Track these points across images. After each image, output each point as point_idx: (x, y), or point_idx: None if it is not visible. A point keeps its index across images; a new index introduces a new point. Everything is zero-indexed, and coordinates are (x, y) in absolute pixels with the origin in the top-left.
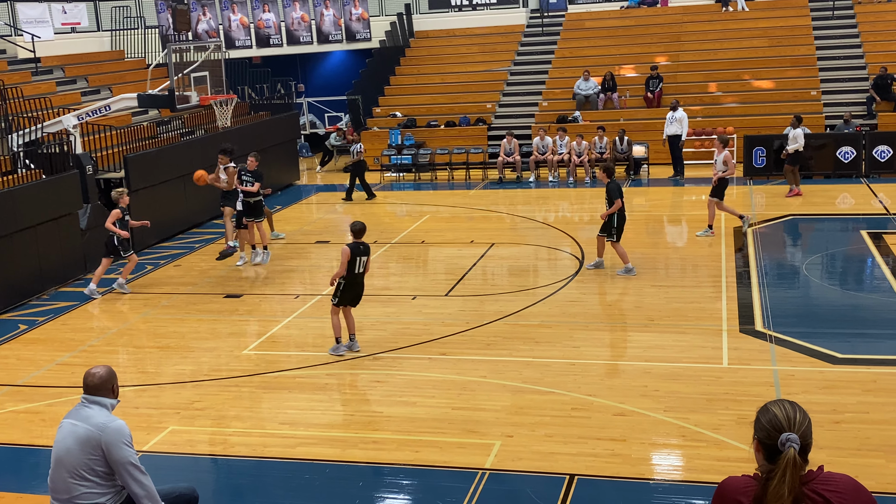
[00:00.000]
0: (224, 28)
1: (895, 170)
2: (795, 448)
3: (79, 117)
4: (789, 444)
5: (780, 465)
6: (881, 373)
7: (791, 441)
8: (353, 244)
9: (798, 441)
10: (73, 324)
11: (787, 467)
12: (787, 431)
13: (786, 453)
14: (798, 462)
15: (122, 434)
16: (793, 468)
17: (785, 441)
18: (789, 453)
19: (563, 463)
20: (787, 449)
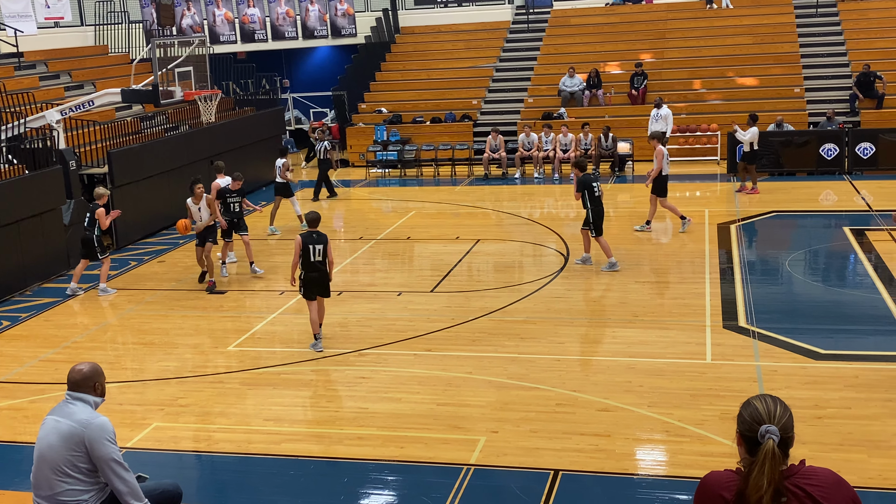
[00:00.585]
0: (208, 23)
1: (878, 166)
2: (775, 440)
3: (62, 112)
4: (769, 435)
5: (760, 457)
6: (863, 368)
7: (770, 433)
8: (305, 234)
9: (778, 433)
10: (57, 320)
11: (766, 458)
12: (766, 424)
13: (765, 445)
14: (777, 454)
15: (105, 431)
16: (772, 459)
17: (764, 433)
18: (768, 445)
19: (547, 458)
20: (766, 440)
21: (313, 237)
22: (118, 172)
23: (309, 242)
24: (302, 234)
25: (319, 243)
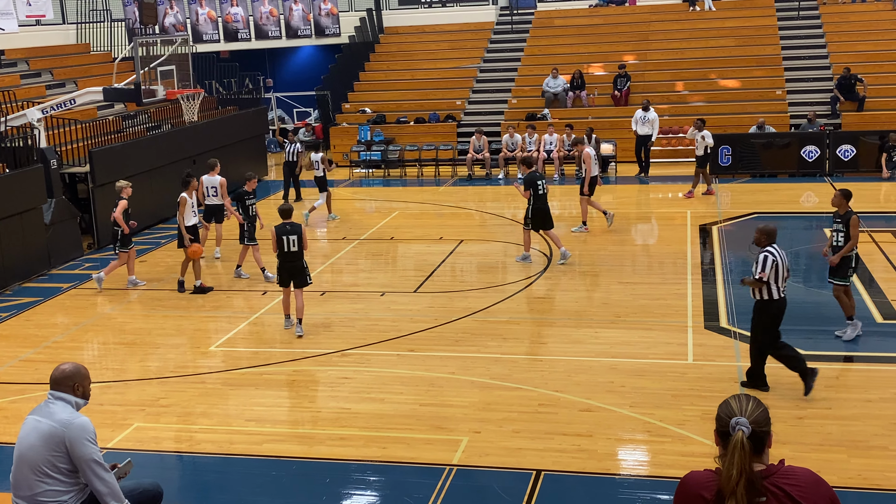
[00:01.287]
0: (191, 22)
1: (858, 169)
2: (745, 431)
3: (43, 111)
4: (738, 426)
5: (729, 449)
6: (843, 369)
7: (740, 424)
8: (279, 225)
9: (748, 425)
10: (37, 320)
11: (736, 449)
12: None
13: (734, 436)
14: (746, 444)
15: (85, 431)
16: (741, 451)
17: (734, 425)
18: (737, 436)
19: (529, 458)
20: (735, 431)
21: (286, 228)
22: (99, 172)
23: (283, 234)
24: (276, 226)
25: (293, 234)
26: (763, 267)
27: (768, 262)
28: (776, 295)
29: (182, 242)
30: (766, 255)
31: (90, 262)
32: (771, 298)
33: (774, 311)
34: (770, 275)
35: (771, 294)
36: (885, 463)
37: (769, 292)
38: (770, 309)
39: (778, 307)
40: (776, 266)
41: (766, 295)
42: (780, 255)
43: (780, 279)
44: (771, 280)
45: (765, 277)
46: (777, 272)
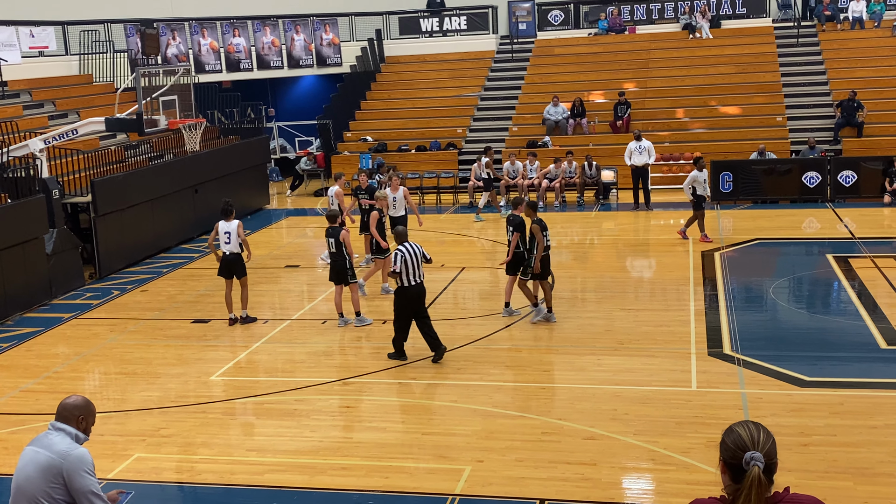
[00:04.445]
0: (194, 52)
1: (860, 194)
2: (760, 467)
3: (45, 141)
4: (753, 462)
5: (745, 485)
6: (848, 395)
7: (755, 460)
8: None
9: (762, 460)
10: (38, 350)
11: (752, 486)
12: (751, 451)
13: (750, 472)
14: (763, 481)
15: (83, 462)
16: (758, 487)
17: (749, 460)
18: (753, 472)
19: (533, 488)
20: (751, 468)
21: (328, 231)
22: (102, 201)
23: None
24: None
25: (331, 237)
26: (395, 262)
27: (398, 258)
28: (406, 283)
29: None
30: (397, 252)
31: (91, 292)
32: (404, 286)
33: (411, 295)
34: (401, 268)
35: (403, 283)
36: (891, 490)
37: (403, 281)
38: (406, 294)
39: (411, 293)
40: (405, 261)
41: (402, 283)
42: (411, 251)
43: (410, 272)
44: (403, 272)
45: (397, 269)
46: (408, 265)
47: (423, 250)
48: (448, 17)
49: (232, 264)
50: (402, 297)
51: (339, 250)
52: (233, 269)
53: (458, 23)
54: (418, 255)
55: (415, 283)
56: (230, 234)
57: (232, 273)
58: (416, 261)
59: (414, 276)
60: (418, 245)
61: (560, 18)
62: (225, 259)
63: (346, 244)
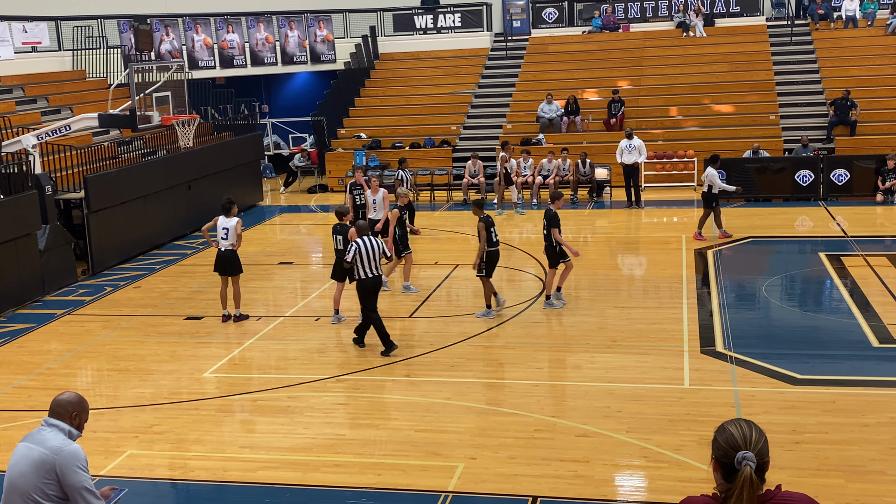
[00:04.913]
0: (187, 48)
1: (852, 193)
2: (752, 466)
3: (38, 137)
4: (745, 462)
5: (737, 484)
6: (840, 393)
7: (747, 459)
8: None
9: (754, 459)
10: (31, 346)
11: (744, 486)
12: (743, 450)
13: (742, 472)
14: (754, 480)
15: (76, 458)
16: (749, 486)
17: (741, 459)
18: (745, 472)
19: (526, 485)
20: (743, 467)
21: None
22: (94, 198)
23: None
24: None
25: (340, 234)
26: (349, 253)
27: (353, 251)
28: (363, 275)
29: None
30: (353, 245)
31: (84, 289)
32: (360, 278)
33: (367, 287)
34: (356, 260)
35: (359, 275)
36: (882, 488)
37: (359, 274)
38: (363, 285)
39: (368, 285)
40: (360, 253)
41: (358, 276)
42: (369, 245)
43: (366, 264)
44: (357, 264)
45: (348, 259)
46: (362, 258)
47: (384, 246)
48: (442, 14)
49: (226, 261)
50: (360, 288)
51: (346, 248)
52: (226, 267)
53: (452, 20)
54: (377, 250)
55: (371, 275)
56: (228, 231)
57: (225, 270)
58: (372, 254)
59: (370, 269)
60: (378, 240)
61: (554, 16)
62: (220, 255)
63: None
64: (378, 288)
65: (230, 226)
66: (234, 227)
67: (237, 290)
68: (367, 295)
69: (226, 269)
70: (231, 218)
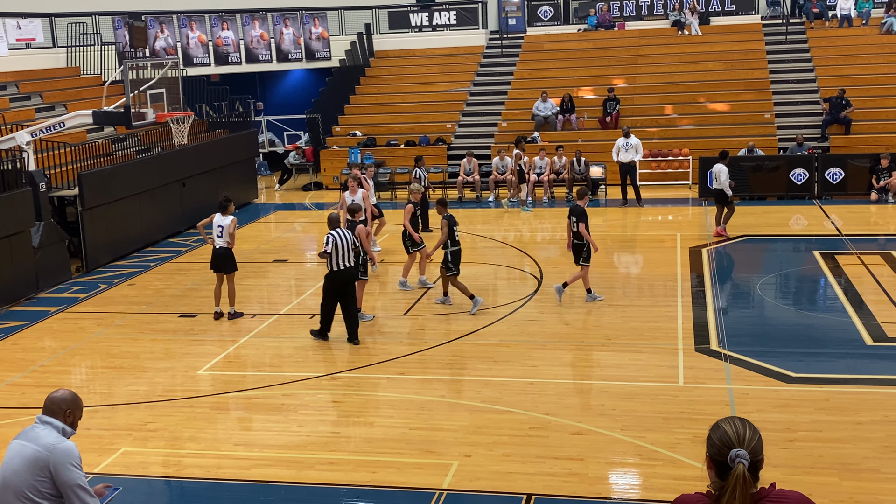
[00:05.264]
0: (182, 45)
1: (847, 191)
2: (745, 464)
3: (32, 134)
4: (738, 460)
5: (730, 482)
6: (834, 391)
7: (740, 457)
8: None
9: (748, 457)
10: (25, 343)
11: (737, 483)
12: (736, 448)
13: (735, 469)
14: (747, 478)
15: (70, 455)
16: (742, 484)
17: (734, 457)
18: (738, 469)
19: (520, 482)
20: (736, 465)
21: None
22: (89, 195)
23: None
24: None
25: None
26: (326, 244)
27: (329, 241)
28: (335, 268)
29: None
30: (329, 235)
31: (78, 286)
32: (333, 270)
33: (339, 279)
34: (332, 250)
35: (332, 267)
36: (876, 486)
37: (332, 266)
38: (335, 278)
39: (341, 277)
40: (336, 245)
41: (331, 267)
42: (342, 237)
43: (340, 257)
44: (334, 255)
45: (328, 250)
46: (338, 249)
47: (354, 240)
48: (438, 12)
49: (221, 259)
50: (330, 280)
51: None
52: (221, 264)
53: (447, 17)
54: (348, 242)
55: (343, 267)
56: (223, 229)
57: (221, 268)
58: (345, 247)
59: (343, 261)
60: (349, 233)
61: (550, 14)
62: (215, 253)
63: (362, 239)
64: (353, 280)
65: (225, 224)
66: (228, 225)
67: (232, 287)
68: (335, 287)
69: (221, 266)
70: (227, 216)
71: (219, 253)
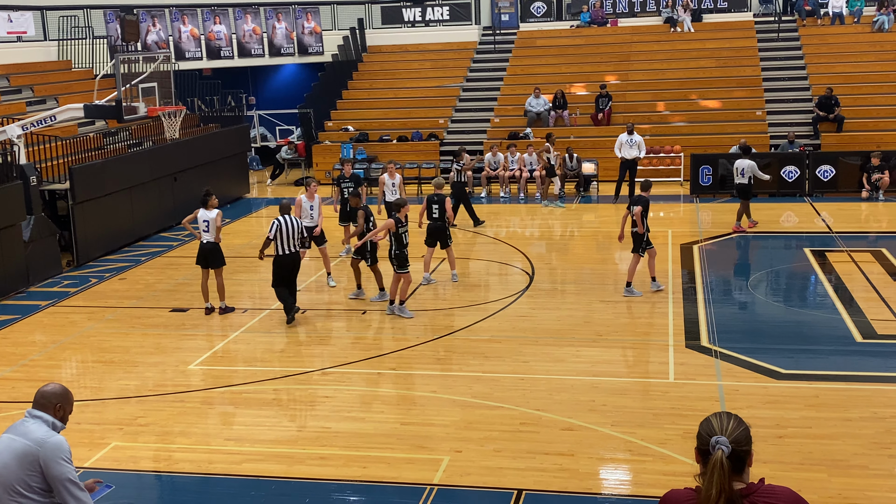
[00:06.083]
0: (174, 39)
1: (838, 189)
2: (724, 451)
3: (23, 127)
4: (718, 446)
5: (709, 468)
6: (823, 388)
7: (720, 444)
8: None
9: (728, 444)
10: (15, 338)
11: (715, 469)
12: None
13: (714, 455)
14: (725, 464)
15: (60, 450)
16: (720, 470)
17: (714, 444)
18: (717, 455)
19: (511, 478)
20: (715, 451)
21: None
22: (80, 188)
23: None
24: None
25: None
26: (270, 230)
27: (274, 227)
28: (280, 252)
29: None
30: (274, 221)
31: (69, 280)
32: (278, 254)
33: (283, 263)
34: (276, 235)
35: (278, 251)
36: (865, 482)
37: (278, 249)
38: (280, 261)
39: (285, 261)
40: (280, 229)
41: (277, 251)
42: (289, 223)
43: (285, 241)
44: (278, 240)
45: (271, 236)
46: (282, 235)
47: (302, 228)
48: (430, 8)
49: (209, 253)
50: (276, 264)
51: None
52: (209, 259)
53: (440, 13)
54: (295, 228)
55: (288, 251)
56: (209, 223)
57: (208, 262)
58: (291, 232)
59: (288, 246)
60: (298, 220)
61: (543, 10)
62: (202, 248)
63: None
64: (297, 263)
65: (210, 218)
66: (214, 219)
67: (221, 282)
68: (281, 270)
69: (209, 261)
70: (211, 210)
71: (206, 248)
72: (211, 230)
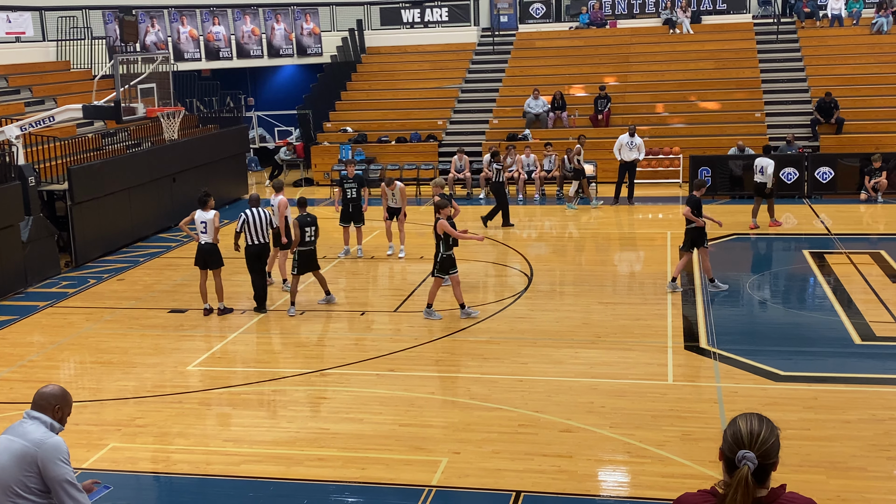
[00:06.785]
0: (173, 40)
1: (836, 191)
2: (750, 467)
3: (22, 128)
4: (744, 462)
5: (734, 483)
6: (822, 390)
7: (747, 459)
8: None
9: (755, 460)
10: (13, 338)
11: (739, 486)
12: (745, 449)
13: (740, 471)
14: (750, 482)
15: (58, 451)
16: (744, 487)
17: (741, 458)
18: (742, 472)
19: (509, 479)
20: (741, 466)
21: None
22: (78, 189)
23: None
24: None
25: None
26: (238, 224)
27: (241, 221)
28: (249, 242)
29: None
30: (241, 214)
31: (67, 281)
32: (248, 244)
33: (252, 253)
34: (243, 228)
35: (247, 242)
36: (863, 484)
37: (247, 240)
38: (248, 251)
39: (253, 251)
40: (247, 223)
41: (246, 242)
42: (257, 216)
43: (253, 233)
44: (246, 232)
45: (238, 229)
46: (250, 227)
47: (270, 218)
48: (429, 9)
49: (207, 254)
50: (246, 253)
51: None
52: (207, 260)
53: (439, 14)
54: (264, 221)
55: (257, 242)
56: (206, 224)
57: (206, 264)
58: (259, 225)
59: (256, 237)
60: (266, 212)
61: (541, 11)
62: (200, 249)
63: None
64: (265, 254)
65: (207, 219)
66: (211, 220)
67: (219, 283)
68: (253, 259)
69: (207, 262)
70: (208, 211)
71: (204, 249)
72: (209, 231)
